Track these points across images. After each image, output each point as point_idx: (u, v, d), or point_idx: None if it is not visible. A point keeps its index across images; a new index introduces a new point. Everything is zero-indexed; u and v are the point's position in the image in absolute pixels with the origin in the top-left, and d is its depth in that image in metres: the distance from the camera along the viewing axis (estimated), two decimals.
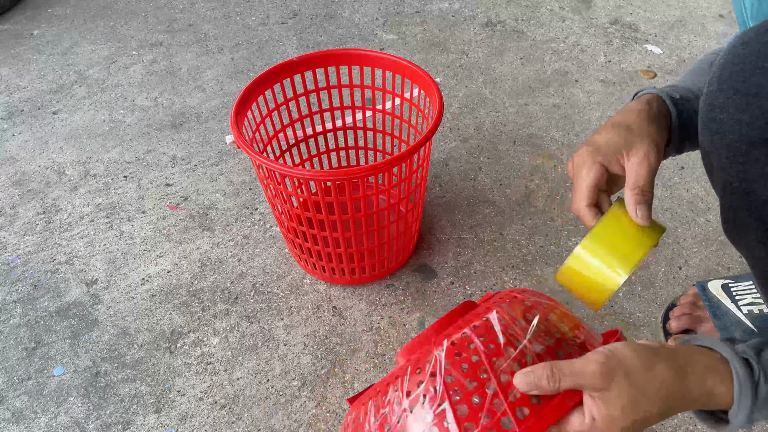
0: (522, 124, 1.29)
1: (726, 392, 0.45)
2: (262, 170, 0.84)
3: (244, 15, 1.71)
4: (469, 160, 1.21)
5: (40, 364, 0.91)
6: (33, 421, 0.84)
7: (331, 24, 1.64)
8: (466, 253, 1.03)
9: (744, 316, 0.83)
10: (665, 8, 1.64)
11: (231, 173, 1.21)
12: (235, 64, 1.52)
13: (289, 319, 0.94)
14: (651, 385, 0.44)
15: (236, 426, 0.82)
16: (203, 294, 0.99)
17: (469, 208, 1.11)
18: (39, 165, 1.26)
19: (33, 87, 1.48)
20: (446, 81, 1.42)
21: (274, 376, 0.87)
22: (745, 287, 0.86)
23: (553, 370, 0.44)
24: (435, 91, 0.87)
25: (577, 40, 1.53)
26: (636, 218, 0.52)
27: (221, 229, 1.09)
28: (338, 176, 0.78)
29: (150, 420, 0.83)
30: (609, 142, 0.55)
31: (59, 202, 1.17)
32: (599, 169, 0.55)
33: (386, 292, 0.98)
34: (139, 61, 1.55)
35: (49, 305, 0.99)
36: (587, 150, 0.56)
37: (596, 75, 1.41)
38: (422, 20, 1.64)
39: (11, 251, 1.08)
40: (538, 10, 1.66)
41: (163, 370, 0.89)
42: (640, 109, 0.57)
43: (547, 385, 0.44)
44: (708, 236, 1.03)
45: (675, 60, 1.45)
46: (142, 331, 0.94)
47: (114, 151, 1.28)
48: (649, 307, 0.93)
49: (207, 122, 1.34)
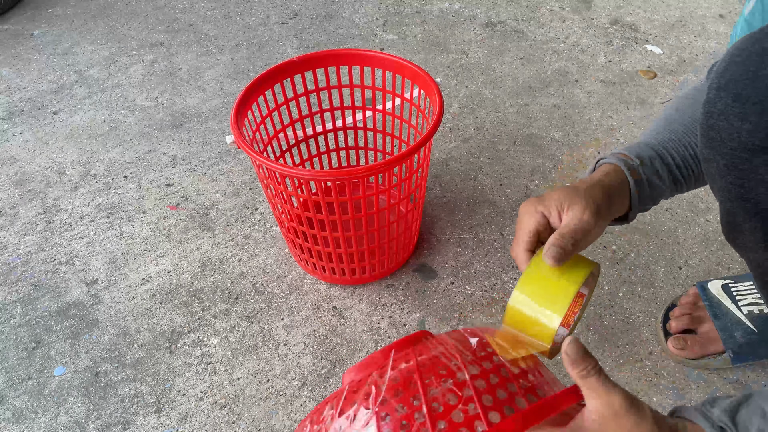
0: (522, 124, 1.29)
1: None
2: (263, 170, 0.84)
3: (244, 15, 1.71)
4: (469, 160, 1.21)
5: (40, 364, 0.91)
6: (33, 421, 0.84)
7: (331, 24, 1.64)
8: (466, 253, 1.03)
9: (744, 316, 0.83)
10: (665, 8, 1.64)
11: (231, 173, 1.21)
12: (236, 64, 1.52)
13: (289, 319, 0.94)
14: None
15: (236, 426, 0.82)
16: (203, 294, 0.99)
17: (469, 208, 1.11)
18: (39, 165, 1.26)
19: (33, 87, 1.48)
20: (446, 81, 1.42)
21: (274, 376, 0.87)
22: (745, 287, 0.86)
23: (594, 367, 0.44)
24: (435, 92, 0.87)
25: (577, 40, 1.53)
26: (545, 257, 0.52)
27: (221, 229, 1.09)
28: (338, 176, 0.78)
29: (150, 420, 0.83)
30: (553, 196, 0.57)
31: (59, 202, 1.17)
32: (540, 217, 0.57)
33: (386, 292, 0.98)
34: (139, 61, 1.55)
35: (50, 305, 0.99)
36: (532, 200, 0.59)
37: (596, 75, 1.41)
38: (422, 20, 1.64)
39: (11, 251, 1.08)
40: (538, 10, 1.66)
41: (164, 370, 0.89)
42: (595, 180, 0.60)
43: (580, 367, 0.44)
44: (708, 236, 1.03)
45: (675, 60, 1.45)
46: (143, 331, 0.94)
47: (114, 151, 1.28)
48: (649, 307, 0.93)
49: (207, 122, 1.34)
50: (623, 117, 1.29)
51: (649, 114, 1.29)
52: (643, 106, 1.32)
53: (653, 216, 1.07)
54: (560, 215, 0.57)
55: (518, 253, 0.58)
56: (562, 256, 0.52)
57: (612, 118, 1.29)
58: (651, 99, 1.34)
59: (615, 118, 1.29)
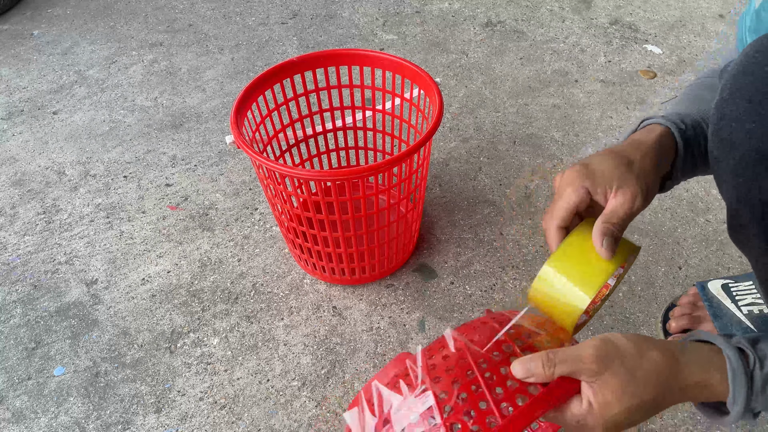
0: (522, 124, 1.29)
1: (722, 381, 0.45)
2: (262, 170, 0.84)
3: (244, 15, 1.71)
4: (469, 160, 1.21)
5: (40, 364, 0.91)
6: (33, 421, 0.84)
7: (331, 24, 1.64)
8: (466, 253, 1.03)
9: (744, 316, 0.83)
10: (665, 8, 1.64)
11: (231, 173, 1.21)
12: (235, 64, 1.52)
13: (289, 319, 0.94)
14: (644, 371, 0.44)
15: (236, 426, 0.82)
16: (203, 294, 0.99)
17: (469, 208, 1.11)
18: (39, 165, 1.26)
19: (33, 87, 1.48)
20: (446, 81, 1.42)
21: (274, 376, 0.87)
22: (745, 287, 0.86)
23: (549, 356, 0.45)
24: (435, 92, 0.87)
25: (577, 40, 1.53)
26: (599, 249, 0.50)
27: (221, 229, 1.09)
28: (338, 176, 0.78)
29: (150, 420, 0.83)
30: (603, 172, 0.52)
31: (59, 202, 1.17)
32: (584, 194, 0.52)
33: (386, 292, 0.98)
34: (139, 61, 1.55)
35: (49, 305, 0.99)
36: (578, 170, 0.53)
37: (596, 75, 1.41)
38: (422, 20, 1.64)
39: (11, 251, 1.08)
40: (538, 10, 1.66)
41: (163, 370, 0.89)
42: (648, 147, 0.54)
43: (543, 371, 0.45)
44: (708, 236, 1.03)
45: (675, 60, 1.45)
46: (142, 331, 0.94)
47: (114, 151, 1.28)
48: (649, 307, 0.93)
49: (207, 122, 1.34)
50: (623, 117, 1.29)
51: (649, 114, 1.29)
52: (642, 105, 1.32)
53: (653, 216, 1.07)
54: (606, 194, 0.52)
55: (550, 227, 0.54)
56: (615, 246, 0.50)
57: (612, 117, 1.29)
58: (651, 99, 1.34)
59: (615, 118, 1.29)
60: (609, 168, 0.52)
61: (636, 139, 0.56)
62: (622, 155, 0.53)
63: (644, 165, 0.53)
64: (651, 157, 0.54)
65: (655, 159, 0.54)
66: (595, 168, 0.53)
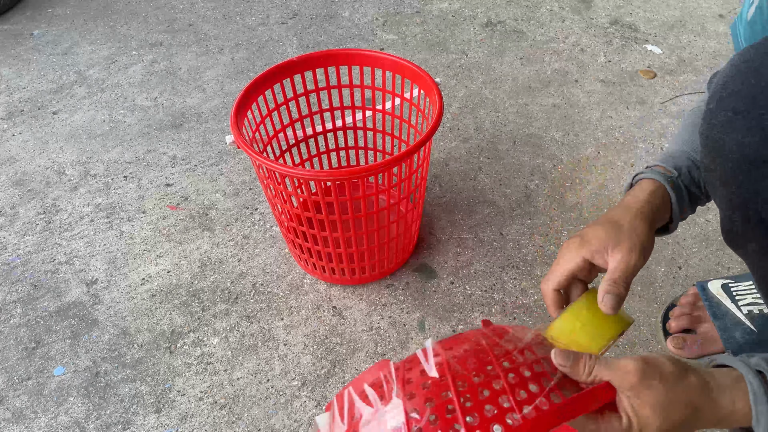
0: (522, 124, 1.29)
1: (745, 406, 0.45)
2: (262, 170, 0.84)
3: (244, 15, 1.71)
4: (469, 160, 1.21)
5: (40, 364, 0.91)
6: (33, 421, 0.84)
7: (331, 24, 1.64)
8: (466, 253, 1.03)
9: (744, 316, 0.83)
10: (665, 8, 1.64)
11: (231, 173, 1.21)
12: (235, 64, 1.52)
13: (289, 319, 0.94)
14: (681, 393, 0.45)
15: (236, 426, 0.82)
16: (203, 294, 0.99)
17: (469, 208, 1.11)
18: (39, 165, 1.26)
19: (33, 87, 1.48)
20: (446, 81, 1.42)
21: (274, 376, 0.87)
22: (745, 287, 0.86)
23: (592, 357, 0.46)
24: (435, 91, 0.87)
25: (577, 40, 1.53)
26: (602, 305, 0.53)
27: (221, 229, 1.09)
28: (338, 176, 0.78)
29: (150, 420, 0.83)
30: (598, 239, 0.57)
31: (59, 202, 1.17)
32: (580, 262, 0.57)
33: (386, 292, 0.98)
34: (139, 61, 1.55)
35: (49, 305, 0.99)
36: (575, 241, 0.58)
37: (596, 75, 1.41)
38: (422, 20, 1.64)
39: (11, 251, 1.08)
40: (538, 10, 1.66)
41: (163, 370, 0.89)
42: (637, 210, 0.59)
43: (581, 370, 0.45)
44: (708, 236, 1.03)
45: (675, 60, 1.45)
46: (142, 331, 0.94)
47: (114, 151, 1.28)
48: (649, 307, 0.93)
49: (207, 122, 1.34)
50: (623, 117, 1.29)
51: (649, 114, 1.29)
52: (642, 106, 1.32)
53: None
54: (605, 257, 0.56)
55: (548, 289, 0.58)
56: (619, 303, 0.53)
57: (612, 117, 1.29)
58: (651, 99, 1.34)
59: (615, 118, 1.29)
60: (602, 234, 0.57)
61: (626, 203, 0.60)
62: (613, 221, 0.58)
63: (635, 225, 0.57)
64: (641, 218, 0.58)
65: (647, 218, 0.58)
66: (590, 237, 0.57)
